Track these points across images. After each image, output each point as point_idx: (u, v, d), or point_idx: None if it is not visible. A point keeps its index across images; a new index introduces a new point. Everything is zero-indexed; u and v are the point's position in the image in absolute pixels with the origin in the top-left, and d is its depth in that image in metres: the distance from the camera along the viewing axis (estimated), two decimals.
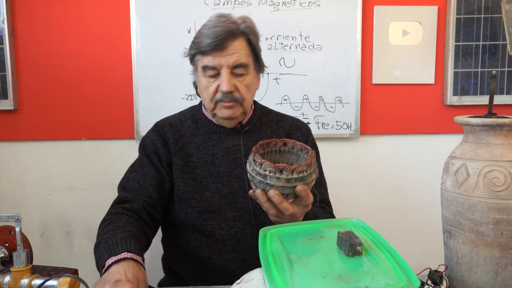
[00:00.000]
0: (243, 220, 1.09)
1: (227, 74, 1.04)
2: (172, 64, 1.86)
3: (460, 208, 0.79)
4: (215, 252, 1.09)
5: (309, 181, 0.85)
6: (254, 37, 1.10)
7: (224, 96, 1.05)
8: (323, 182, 1.21)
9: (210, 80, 1.07)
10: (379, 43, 1.91)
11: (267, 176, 0.83)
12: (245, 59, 1.07)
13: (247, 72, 1.08)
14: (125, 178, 1.13)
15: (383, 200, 2.02)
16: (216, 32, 1.03)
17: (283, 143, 0.96)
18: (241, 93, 1.07)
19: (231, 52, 1.04)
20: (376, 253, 0.68)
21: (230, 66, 1.04)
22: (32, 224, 1.94)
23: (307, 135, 1.20)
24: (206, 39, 1.03)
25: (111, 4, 1.85)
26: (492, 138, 0.79)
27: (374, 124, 1.97)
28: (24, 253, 0.81)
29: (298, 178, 0.83)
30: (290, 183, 0.83)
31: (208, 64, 1.05)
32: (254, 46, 1.10)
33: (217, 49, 1.03)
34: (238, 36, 1.06)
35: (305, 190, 0.84)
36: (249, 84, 1.09)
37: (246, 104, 1.09)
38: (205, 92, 1.09)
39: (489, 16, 1.89)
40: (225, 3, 1.85)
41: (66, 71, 1.87)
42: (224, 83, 1.04)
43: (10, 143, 1.91)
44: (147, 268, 0.88)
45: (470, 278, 0.80)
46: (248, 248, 1.09)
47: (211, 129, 1.14)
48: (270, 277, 0.63)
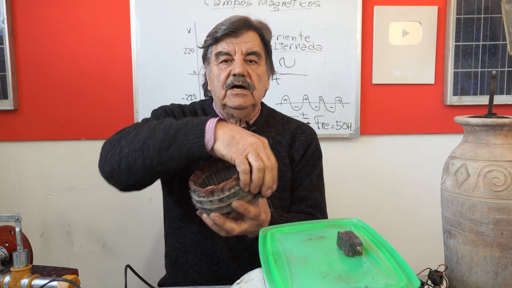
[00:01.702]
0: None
1: (241, 58, 1.05)
2: (172, 64, 1.86)
3: (460, 208, 0.79)
4: (218, 248, 1.09)
5: (244, 195, 0.80)
6: (266, 35, 1.12)
7: (235, 78, 1.04)
8: (320, 186, 1.18)
9: (222, 67, 1.07)
10: (379, 43, 1.91)
11: (202, 202, 0.82)
12: (258, 49, 1.08)
13: (259, 62, 1.09)
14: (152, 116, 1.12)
15: (383, 200, 2.02)
16: (232, 21, 1.06)
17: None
18: (253, 80, 1.06)
19: (245, 40, 1.06)
20: (376, 253, 0.68)
21: (244, 52, 1.05)
22: (32, 224, 1.94)
23: (311, 139, 1.18)
24: (222, 26, 1.06)
25: (111, 4, 1.85)
26: (492, 138, 0.79)
27: (374, 124, 1.97)
28: (24, 253, 0.81)
29: (230, 195, 0.80)
30: (224, 202, 0.80)
31: (222, 50, 1.06)
32: (266, 42, 1.12)
33: (231, 35, 1.05)
34: (252, 28, 1.08)
35: (241, 206, 0.80)
36: (260, 74, 1.09)
37: (257, 95, 1.09)
38: (216, 80, 1.08)
39: (489, 16, 1.89)
40: (225, 3, 1.85)
41: (66, 71, 1.87)
42: (237, 65, 1.04)
43: (10, 143, 1.91)
44: (146, 267, 0.88)
45: (470, 278, 0.80)
46: (249, 247, 1.08)
47: None
48: (270, 277, 0.63)
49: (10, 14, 1.83)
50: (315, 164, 1.17)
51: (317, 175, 1.17)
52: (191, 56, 1.86)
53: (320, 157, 1.20)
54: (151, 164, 0.81)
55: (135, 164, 0.83)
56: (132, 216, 1.94)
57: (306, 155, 1.16)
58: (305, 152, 1.16)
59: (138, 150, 0.82)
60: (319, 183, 1.18)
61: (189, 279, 1.12)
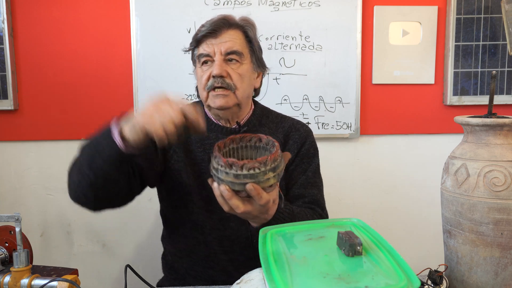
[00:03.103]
0: (238, 221, 1.05)
1: (220, 59, 1.03)
2: (172, 64, 1.86)
3: (460, 208, 0.79)
4: (212, 252, 1.09)
5: (262, 179, 0.79)
6: (250, 30, 1.09)
7: (214, 80, 1.03)
8: (317, 183, 1.16)
9: (204, 69, 1.06)
10: (379, 43, 1.91)
11: (218, 170, 0.80)
12: (240, 48, 1.06)
13: (242, 61, 1.06)
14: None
15: (383, 200, 2.02)
16: (212, 21, 1.05)
17: (258, 139, 0.91)
18: (233, 80, 1.04)
19: (224, 40, 1.04)
20: (376, 253, 0.68)
21: (223, 52, 1.03)
22: (32, 224, 1.94)
23: (306, 137, 1.16)
24: (202, 28, 1.06)
25: (111, 4, 1.85)
26: (492, 138, 0.79)
27: (374, 124, 1.97)
28: (24, 253, 0.81)
29: (247, 175, 0.78)
30: (239, 179, 0.78)
31: (203, 51, 1.05)
32: (250, 39, 1.09)
33: (211, 36, 1.04)
34: (233, 26, 1.07)
35: (255, 189, 0.78)
36: (243, 73, 1.06)
37: (240, 94, 1.06)
38: (199, 82, 1.08)
39: (489, 16, 1.89)
40: (225, 3, 1.85)
41: (66, 71, 1.87)
42: (215, 67, 1.02)
43: (10, 143, 1.91)
44: (146, 267, 0.88)
45: (470, 278, 0.80)
46: (243, 250, 1.07)
47: (209, 127, 1.12)
48: (270, 277, 0.63)
49: (10, 14, 1.83)
50: (310, 161, 1.15)
51: (313, 172, 1.15)
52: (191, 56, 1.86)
53: (316, 154, 1.18)
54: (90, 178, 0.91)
55: (80, 184, 0.94)
56: (132, 216, 1.94)
57: (301, 153, 1.14)
58: (299, 151, 1.14)
59: (78, 172, 0.95)
60: (315, 179, 1.16)
61: (186, 283, 1.13)
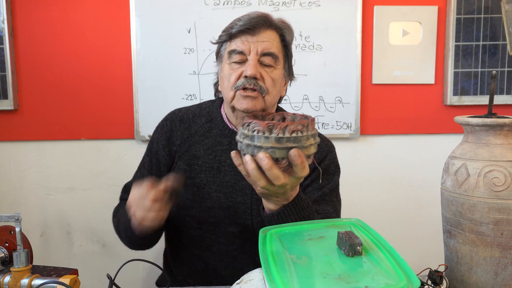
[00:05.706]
0: (243, 237, 1.02)
1: (255, 59, 0.95)
2: (172, 64, 1.86)
3: (460, 208, 0.79)
4: (211, 266, 1.05)
5: (305, 144, 0.72)
6: (288, 35, 1.02)
7: (246, 81, 0.94)
8: (333, 202, 1.05)
9: (234, 67, 0.98)
10: (379, 43, 1.91)
11: (254, 137, 0.71)
12: (276, 50, 0.98)
13: (276, 65, 0.99)
14: (132, 177, 1.17)
15: (383, 200, 2.02)
16: (250, 17, 0.97)
17: (282, 117, 0.85)
18: (266, 84, 0.96)
19: (262, 39, 0.96)
20: (376, 253, 0.68)
21: (259, 52, 0.96)
22: (32, 224, 1.94)
23: (327, 152, 1.08)
24: (238, 22, 0.97)
25: (110, 4, 1.85)
26: (492, 138, 0.79)
27: (374, 124, 1.97)
28: (24, 253, 0.81)
29: (290, 139, 0.71)
30: (282, 144, 0.70)
31: (236, 48, 0.97)
32: (287, 43, 1.02)
33: (248, 32, 0.96)
34: (272, 27, 0.99)
35: (300, 156, 0.71)
36: (276, 78, 0.99)
37: (269, 100, 0.98)
38: (226, 80, 0.99)
39: (489, 16, 1.89)
40: (225, 3, 1.85)
41: (66, 71, 1.87)
42: (249, 66, 0.94)
43: (10, 143, 1.91)
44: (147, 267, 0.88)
45: (470, 278, 0.80)
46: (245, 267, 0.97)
47: (223, 132, 1.05)
48: (270, 277, 0.63)
49: (10, 14, 1.83)
50: (330, 178, 1.06)
51: (331, 190, 1.05)
52: (191, 56, 1.86)
53: (336, 172, 1.09)
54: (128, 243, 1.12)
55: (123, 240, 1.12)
56: None
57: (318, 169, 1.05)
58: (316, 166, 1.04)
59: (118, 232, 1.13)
60: (332, 198, 1.05)
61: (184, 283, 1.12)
